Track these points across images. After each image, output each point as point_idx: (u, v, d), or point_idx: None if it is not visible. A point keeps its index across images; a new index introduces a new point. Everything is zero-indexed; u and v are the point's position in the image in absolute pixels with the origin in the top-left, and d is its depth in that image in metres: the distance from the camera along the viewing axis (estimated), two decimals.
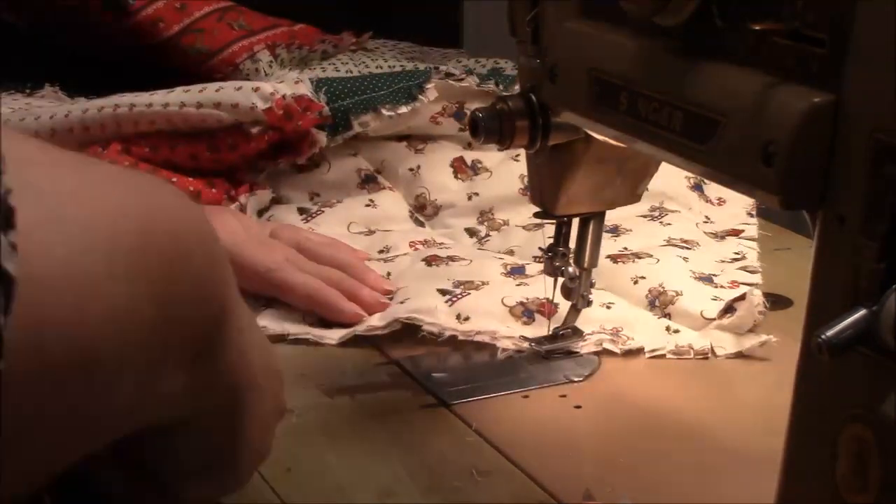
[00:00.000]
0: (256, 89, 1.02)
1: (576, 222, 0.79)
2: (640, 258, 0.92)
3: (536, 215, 0.80)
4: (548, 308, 0.84)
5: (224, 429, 0.56)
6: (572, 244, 0.80)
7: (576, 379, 0.79)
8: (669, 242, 0.96)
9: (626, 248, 0.95)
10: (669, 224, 1.00)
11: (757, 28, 0.53)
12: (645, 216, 1.02)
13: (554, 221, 0.79)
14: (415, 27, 1.44)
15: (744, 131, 0.53)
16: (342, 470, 0.68)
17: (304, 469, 0.68)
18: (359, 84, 1.08)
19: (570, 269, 0.79)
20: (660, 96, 0.58)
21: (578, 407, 0.76)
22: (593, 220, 0.79)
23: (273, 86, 1.03)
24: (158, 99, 1.04)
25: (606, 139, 0.69)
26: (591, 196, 0.77)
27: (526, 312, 0.85)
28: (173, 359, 0.47)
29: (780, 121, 0.51)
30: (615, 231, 0.98)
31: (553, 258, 0.79)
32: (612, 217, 0.98)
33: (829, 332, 0.47)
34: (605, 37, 0.63)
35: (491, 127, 0.72)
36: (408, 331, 0.84)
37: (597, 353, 0.82)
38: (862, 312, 0.47)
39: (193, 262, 0.47)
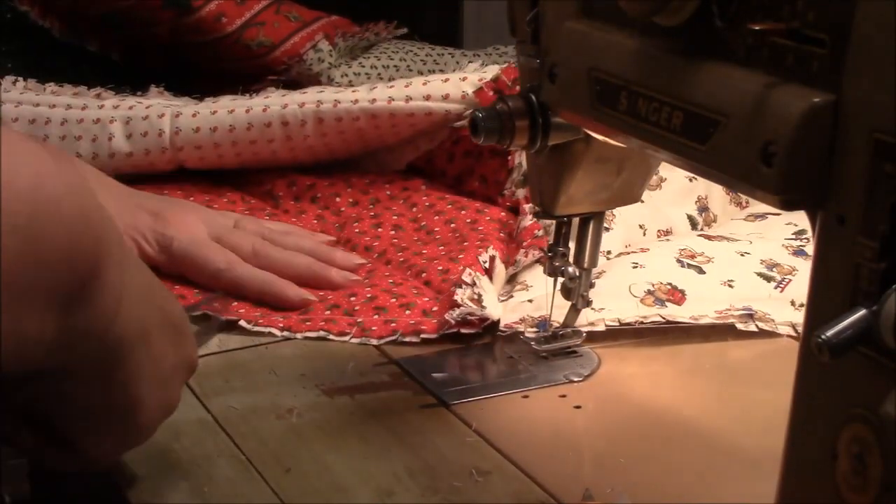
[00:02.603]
0: (464, 79, 1.04)
1: (575, 222, 0.80)
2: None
3: (536, 215, 0.80)
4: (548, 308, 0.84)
5: (107, 380, 0.58)
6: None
7: (576, 379, 0.79)
8: None
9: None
10: None
11: (757, 28, 0.53)
12: None
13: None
14: (415, 27, 1.44)
15: (744, 131, 0.53)
16: (342, 470, 0.68)
17: (304, 469, 0.68)
18: None
19: (570, 270, 0.79)
20: (660, 96, 0.58)
21: (578, 407, 0.76)
22: (593, 220, 0.79)
23: (480, 73, 1.05)
24: (363, 95, 1.05)
25: (606, 139, 0.69)
26: (591, 196, 0.77)
27: None
28: (40, 301, 0.50)
29: (780, 121, 0.51)
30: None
31: (553, 258, 0.79)
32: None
33: (829, 332, 0.47)
34: (605, 37, 0.63)
35: (491, 127, 0.72)
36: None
37: (595, 353, 0.82)
38: (862, 312, 0.47)
39: (62, 214, 0.50)
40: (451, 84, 1.04)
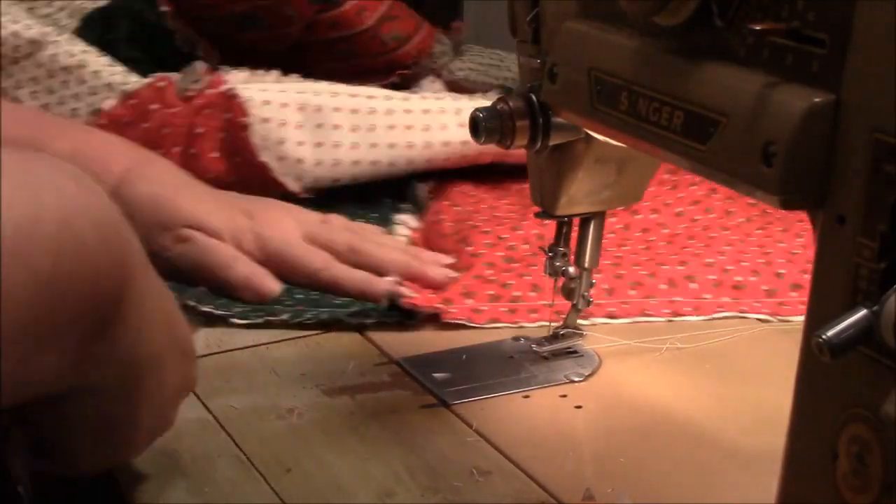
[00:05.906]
0: None
1: (576, 222, 0.80)
2: None
3: (537, 215, 0.80)
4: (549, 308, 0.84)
5: (117, 401, 0.57)
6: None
7: (576, 379, 0.79)
8: None
9: None
10: None
11: (757, 28, 0.53)
12: None
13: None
14: None
15: (744, 131, 0.53)
16: (342, 470, 0.68)
17: (304, 469, 0.68)
18: None
19: (571, 270, 0.79)
20: (660, 96, 0.58)
21: (578, 407, 0.76)
22: (593, 220, 0.79)
23: None
24: None
25: (607, 139, 0.69)
26: (592, 196, 0.77)
27: None
28: (61, 337, 0.48)
29: (780, 121, 0.51)
30: None
31: (553, 258, 0.79)
32: None
33: (829, 333, 0.47)
34: (605, 37, 0.63)
35: (491, 127, 0.72)
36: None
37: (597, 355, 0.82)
38: (862, 312, 0.47)
39: (86, 247, 0.48)
40: None
